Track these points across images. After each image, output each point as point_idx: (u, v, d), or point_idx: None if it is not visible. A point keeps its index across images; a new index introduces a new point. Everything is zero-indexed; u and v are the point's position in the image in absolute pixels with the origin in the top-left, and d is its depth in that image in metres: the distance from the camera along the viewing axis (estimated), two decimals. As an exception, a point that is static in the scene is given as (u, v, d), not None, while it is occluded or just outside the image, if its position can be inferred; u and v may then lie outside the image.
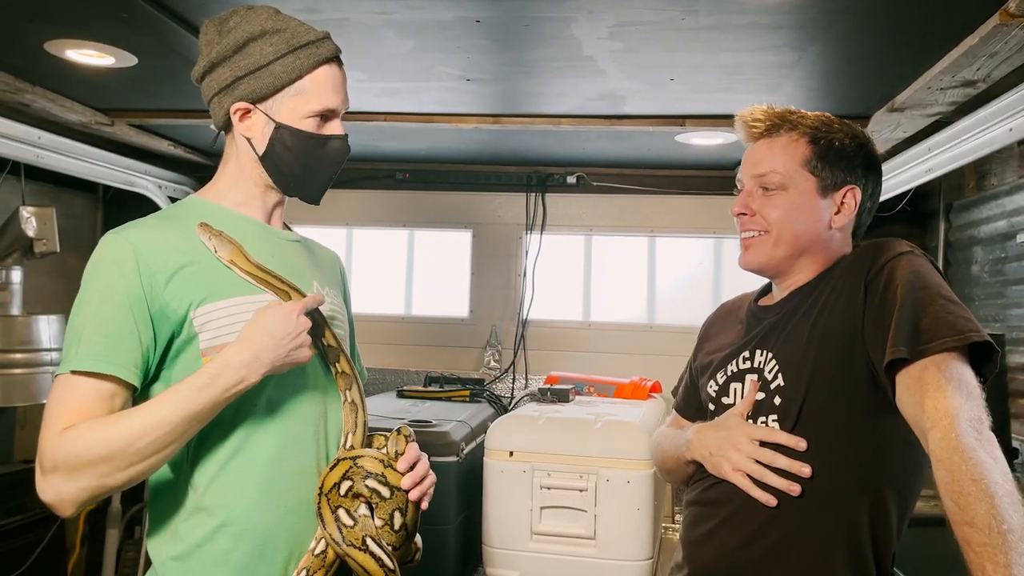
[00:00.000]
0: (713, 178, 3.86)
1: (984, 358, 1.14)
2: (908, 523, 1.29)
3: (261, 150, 1.30)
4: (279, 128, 1.29)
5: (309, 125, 1.30)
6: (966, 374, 1.10)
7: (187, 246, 1.24)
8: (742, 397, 1.35)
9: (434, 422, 3.03)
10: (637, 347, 3.92)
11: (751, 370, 1.35)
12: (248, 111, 1.29)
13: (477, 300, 4.13)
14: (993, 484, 0.97)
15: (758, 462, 1.25)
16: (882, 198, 3.17)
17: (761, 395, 1.31)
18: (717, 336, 1.52)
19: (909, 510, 1.28)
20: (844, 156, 1.33)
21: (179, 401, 1.13)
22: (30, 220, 2.93)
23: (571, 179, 4.02)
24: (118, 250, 1.19)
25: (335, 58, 1.33)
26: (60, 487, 1.11)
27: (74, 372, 1.14)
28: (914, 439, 1.17)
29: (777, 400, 1.29)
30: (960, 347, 1.12)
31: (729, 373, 1.39)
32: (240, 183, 1.34)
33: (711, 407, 1.43)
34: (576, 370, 3.84)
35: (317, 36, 1.30)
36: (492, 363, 4.01)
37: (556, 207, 4.08)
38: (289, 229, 1.44)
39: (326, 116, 1.32)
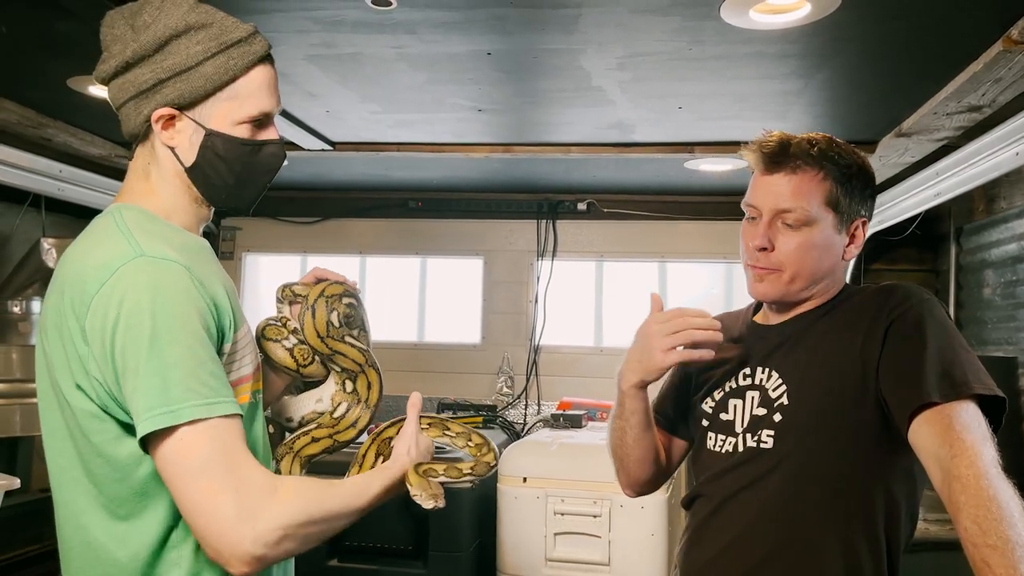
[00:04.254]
0: (723, 204, 3.88)
1: (993, 417, 1.18)
2: (906, 549, 1.30)
3: (189, 161, 1.16)
4: (210, 135, 1.15)
5: (242, 131, 1.17)
6: (984, 421, 1.14)
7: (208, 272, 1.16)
8: (742, 413, 1.36)
9: (447, 449, 3.04)
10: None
11: (752, 387, 1.36)
12: (172, 118, 1.14)
13: (489, 327, 4.15)
14: (1017, 513, 1.01)
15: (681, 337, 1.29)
16: (892, 222, 3.23)
17: (762, 411, 1.32)
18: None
19: (906, 537, 1.30)
20: (859, 189, 1.34)
21: (377, 493, 1.18)
22: (51, 252, 2.98)
23: (582, 206, 4.06)
24: (182, 278, 1.07)
25: (268, 56, 1.19)
26: (278, 550, 1.04)
27: (223, 416, 1.05)
28: (918, 471, 1.22)
29: (777, 417, 1.30)
30: (979, 398, 1.16)
31: (727, 389, 1.40)
32: (173, 197, 1.19)
33: (704, 423, 1.42)
34: (588, 396, 3.85)
35: (247, 31, 1.16)
36: (504, 389, 4.02)
37: (567, 234, 4.11)
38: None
39: (261, 121, 1.19)
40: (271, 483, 1.05)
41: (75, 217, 3.54)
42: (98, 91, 2.44)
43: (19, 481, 2.02)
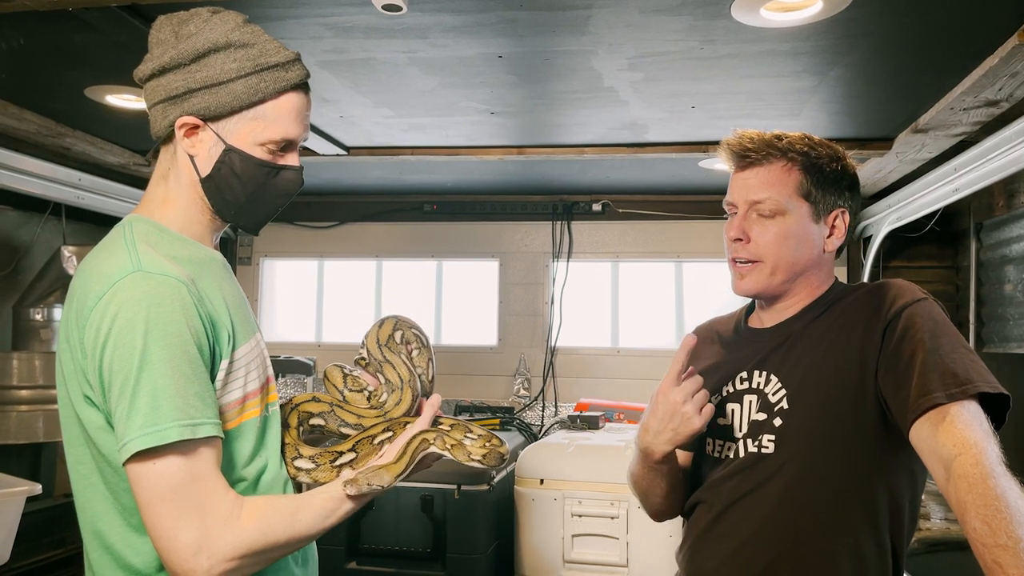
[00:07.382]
0: (738, 202, 3.86)
1: (996, 415, 1.16)
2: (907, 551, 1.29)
3: (205, 172, 1.18)
4: (229, 151, 1.17)
5: (262, 152, 1.18)
6: (987, 419, 1.13)
7: (210, 287, 1.16)
8: (740, 418, 1.35)
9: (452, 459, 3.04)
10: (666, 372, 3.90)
11: (750, 391, 1.35)
12: (196, 127, 1.17)
13: (505, 329, 4.16)
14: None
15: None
16: (910, 219, 3.20)
17: (762, 416, 1.31)
18: (704, 359, 1.50)
19: (908, 539, 1.29)
20: (833, 180, 1.36)
21: (351, 508, 1.17)
22: (71, 259, 3.02)
23: (596, 207, 4.05)
24: (178, 294, 1.08)
25: (303, 84, 1.20)
26: (238, 571, 1.06)
27: (204, 439, 1.06)
28: (919, 470, 1.22)
29: (778, 422, 1.29)
30: (981, 397, 1.14)
31: (725, 394, 1.39)
32: (186, 206, 1.21)
33: (704, 429, 1.41)
34: (605, 397, 3.84)
35: (287, 57, 1.18)
36: (521, 391, 4.02)
37: (582, 235, 4.11)
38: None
39: (284, 146, 1.20)
40: (234, 509, 1.06)
41: (95, 225, 3.58)
42: (116, 100, 2.47)
43: (41, 487, 2.05)
